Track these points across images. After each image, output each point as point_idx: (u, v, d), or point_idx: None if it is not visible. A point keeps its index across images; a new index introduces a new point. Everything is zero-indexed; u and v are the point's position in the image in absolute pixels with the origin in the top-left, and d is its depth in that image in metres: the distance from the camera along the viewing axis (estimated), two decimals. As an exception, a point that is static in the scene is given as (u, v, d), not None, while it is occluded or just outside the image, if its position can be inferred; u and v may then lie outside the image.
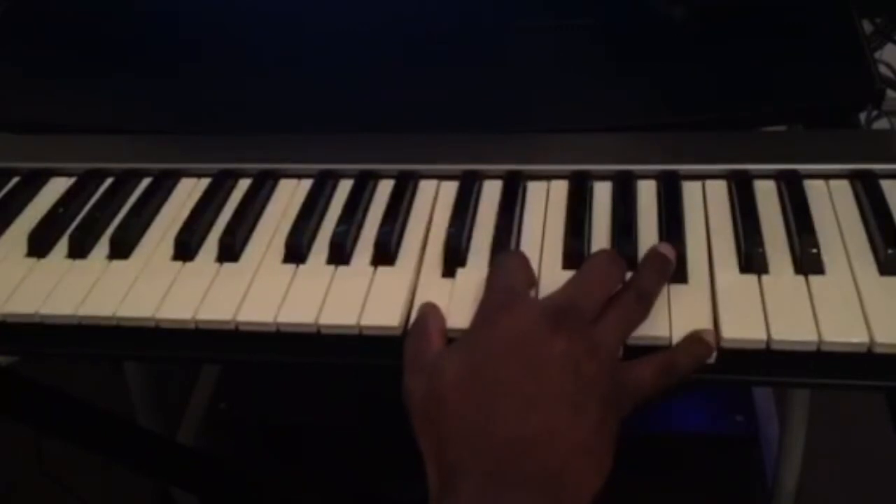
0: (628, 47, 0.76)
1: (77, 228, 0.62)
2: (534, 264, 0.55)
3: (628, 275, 0.53)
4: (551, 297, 0.51)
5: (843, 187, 0.60)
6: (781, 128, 0.77)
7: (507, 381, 0.46)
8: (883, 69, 0.89)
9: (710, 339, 0.50)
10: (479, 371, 0.47)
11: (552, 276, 0.55)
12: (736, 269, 0.54)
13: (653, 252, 0.54)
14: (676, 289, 0.53)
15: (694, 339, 0.50)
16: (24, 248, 0.61)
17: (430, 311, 0.53)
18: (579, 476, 0.44)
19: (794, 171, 0.61)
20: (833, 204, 0.59)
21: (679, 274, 0.54)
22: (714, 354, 0.50)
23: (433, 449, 0.46)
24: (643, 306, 0.51)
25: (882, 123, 1.03)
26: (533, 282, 0.54)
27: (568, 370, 0.46)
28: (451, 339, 0.52)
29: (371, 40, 0.77)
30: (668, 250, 0.54)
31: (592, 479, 0.45)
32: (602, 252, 0.55)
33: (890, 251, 0.53)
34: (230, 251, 0.59)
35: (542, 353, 0.46)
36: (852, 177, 0.60)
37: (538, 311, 0.49)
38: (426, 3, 0.78)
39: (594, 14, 0.76)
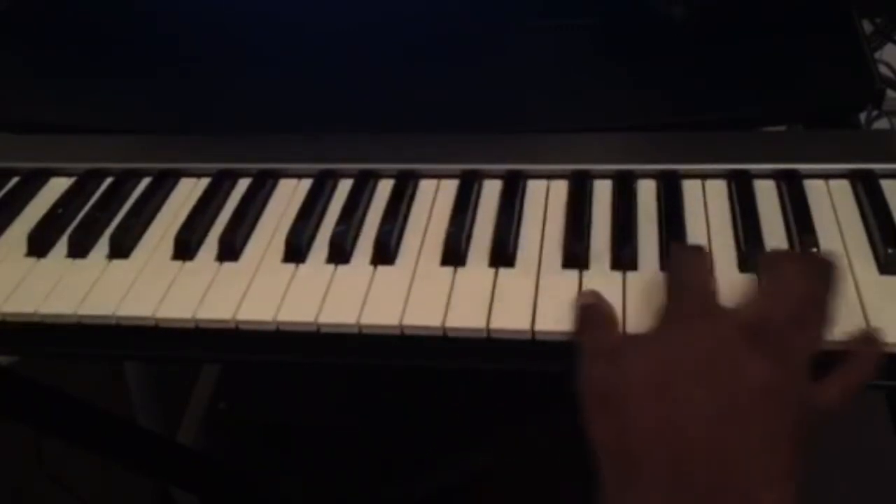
0: (628, 47, 0.76)
1: (77, 228, 0.62)
2: (533, 264, 0.55)
3: None
4: (750, 310, 0.48)
5: (843, 187, 0.60)
6: (781, 128, 0.77)
7: (702, 390, 0.44)
8: (883, 69, 0.89)
9: (878, 336, 0.48)
10: (672, 372, 0.44)
11: (552, 275, 0.55)
12: (736, 269, 0.54)
13: (822, 261, 0.51)
14: (676, 288, 0.53)
15: (866, 341, 0.48)
16: (23, 247, 0.61)
17: (598, 298, 0.50)
18: (770, 493, 0.42)
19: (794, 171, 0.61)
20: (833, 204, 0.59)
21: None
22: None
23: (611, 440, 0.44)
24: (825, 317, 0.48)
25: (882, 123, 1.03)
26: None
27: (767, 396, 0.44)
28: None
29: (371, 40, 0.77)
30: (832, 258, 0.51)
31: (780, 499, 0.42)
32: (798, 262, 0.50)
33: (890, 251, 0.53)
34: (230, 250, 0.59)
35: (742, 372, 0.44)
36: (852, 177, 0.60)
37: (738, 324, 0.46)
38: (426, 3, 0.78)
39: (594, 14, 0.76)
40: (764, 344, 0.45)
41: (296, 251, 0.59)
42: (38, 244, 0.61)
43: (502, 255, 0.57)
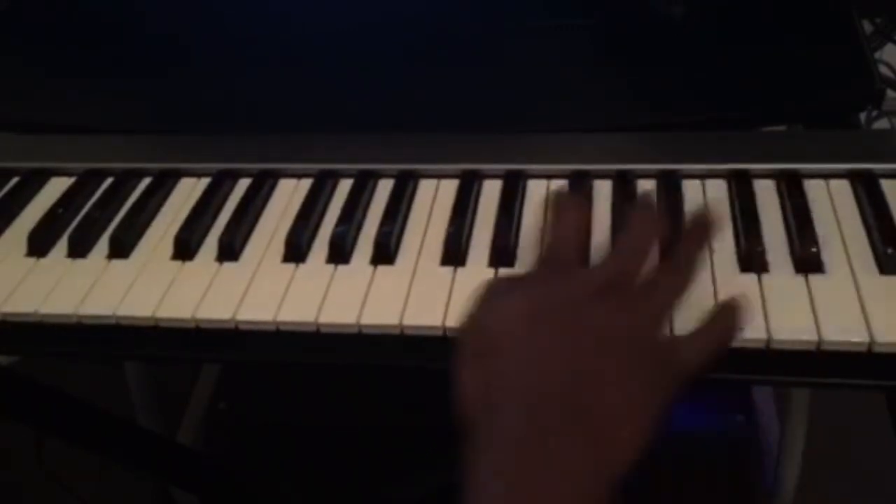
0: (628, 47, 0.76)
1: (77, 228, 0.62)
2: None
3: None
4: (596, 269, 0.51)
5: (843, 187, 0.60)
6: (781, 128, 0.77)
7: (557, 335, 0.46)
8: (883, 69, 0.89)
9: (743, 301, 0.49)
10: (531, 323, 0.47)
11: (552, 275, 0.55)
12: (736, 269, 0.54)
13: (693, 219, 0.54)
14: (676, 288, 0.53)
15: (727, 307, 0.49)
16: (24, 247, 0.61)
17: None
18: (623, 432, 0.44)
19: (794, 171, 0.61)
20: (833, 204, 0.59)
21: (679, 274, 0.54)
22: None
23: (472, 391, 0.46)
24: (686, 275, 0.50)
25: (882, 123, 1.03)
26: (588, 235, 0.55)
27: (617, 334, 0.46)
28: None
29: (371, 40, 0.77)
30: (709, 215, 0.53)
31: (635, 439, 0.44)
32: (637, 216, 0.53)
33: (890, 251, 0.53)
34: (230, 250, 0.59)
35: (593, 317, 0.47)
36: (852, 177, 0.60)
37: (588, 280, 0.49)
38: (427, 3, 0.78)
39: (594, 14, 0.76)
40: (613, 295, 0.47)
41: (296, 251, 0.59)
42: (39, 244, 0.61)
43: (502, 255, 0.57)
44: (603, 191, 0.61)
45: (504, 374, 0.45)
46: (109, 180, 0.67)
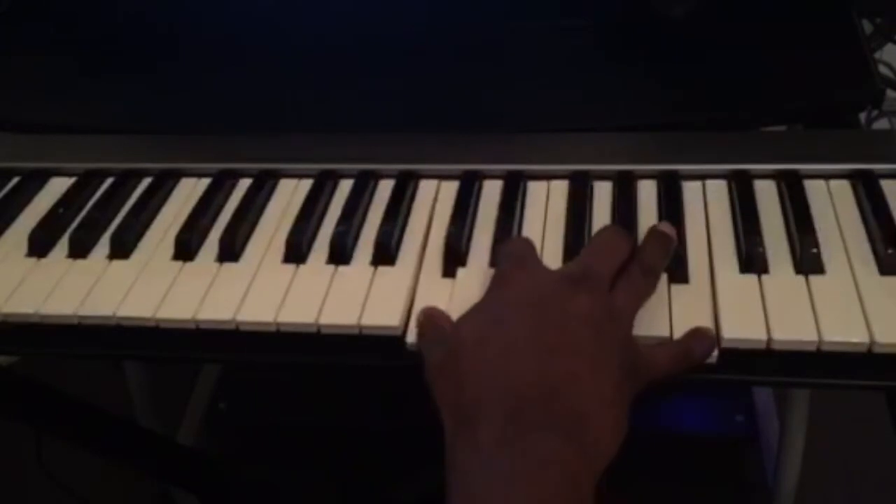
0: (628, 47, 0.76)
1: (77, 228, 0.62)
2: (534, 264, 0.55)
3: None
4: (566, 266, 0.52)
5: (843, 187, 0.60)
6: (781, 128, 0.77)
7: (528, 330, 0.46)
8: (883, 69, 0.89)
9: (713, 335, 0.50)
10: (499, 322, 0.47)
11: (552, 275, 0.55)
12: (736, 269, 0.54)
13: (654, 230, 0.55)
14: (677, 289, 0.53)
15: (702, 332, 0.50)
16: (24, 248, 0.61)
17: (434, 308, 0.53)
18: (602, 426, 0.44)
19: (794, 171, 0.61)
20: (833, 204, 0.59)
21: (679, 274, 0.54)
22: (715, 353, 0.50)
23: (449, 396, 0.46)
24: (650, 281, 0.52)
25: (882, 123, 1.03)
26: None
27: (589, 327, 0.47)
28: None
29: (372, 40, 0.77)
30: (668, 228, 0.55)
31: (613, 433, 0.45)
32: (609, 226, 0.56)
33: (890, 251, 0.53)
34: (230, 251, 0.59)
35: (564, 309, 0.47)
36: (852, 177, 0.60)
37: (556, 275, 0.50)
38: (427, 3, 0.78)
39: (594, 14, 0.76)
40: (584, 286, 0.48)
41: (296, 251, 0.59)
42: (39, 244, 0.61)
43: (502, 255, 0.56)
44: (603, 191, 0.62)
45: (475, 378, 0.45)
46: (109, 180, 0.67)
